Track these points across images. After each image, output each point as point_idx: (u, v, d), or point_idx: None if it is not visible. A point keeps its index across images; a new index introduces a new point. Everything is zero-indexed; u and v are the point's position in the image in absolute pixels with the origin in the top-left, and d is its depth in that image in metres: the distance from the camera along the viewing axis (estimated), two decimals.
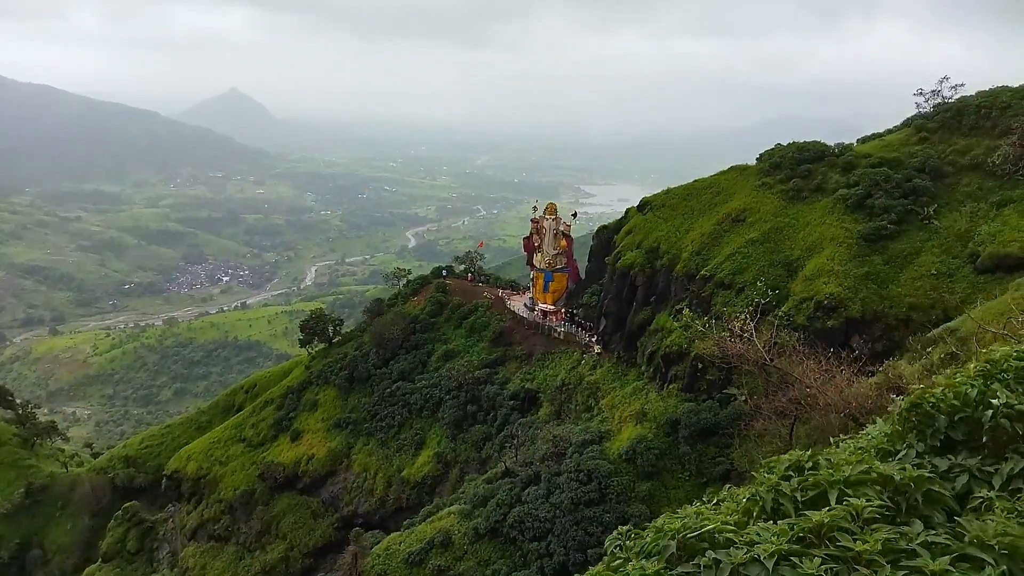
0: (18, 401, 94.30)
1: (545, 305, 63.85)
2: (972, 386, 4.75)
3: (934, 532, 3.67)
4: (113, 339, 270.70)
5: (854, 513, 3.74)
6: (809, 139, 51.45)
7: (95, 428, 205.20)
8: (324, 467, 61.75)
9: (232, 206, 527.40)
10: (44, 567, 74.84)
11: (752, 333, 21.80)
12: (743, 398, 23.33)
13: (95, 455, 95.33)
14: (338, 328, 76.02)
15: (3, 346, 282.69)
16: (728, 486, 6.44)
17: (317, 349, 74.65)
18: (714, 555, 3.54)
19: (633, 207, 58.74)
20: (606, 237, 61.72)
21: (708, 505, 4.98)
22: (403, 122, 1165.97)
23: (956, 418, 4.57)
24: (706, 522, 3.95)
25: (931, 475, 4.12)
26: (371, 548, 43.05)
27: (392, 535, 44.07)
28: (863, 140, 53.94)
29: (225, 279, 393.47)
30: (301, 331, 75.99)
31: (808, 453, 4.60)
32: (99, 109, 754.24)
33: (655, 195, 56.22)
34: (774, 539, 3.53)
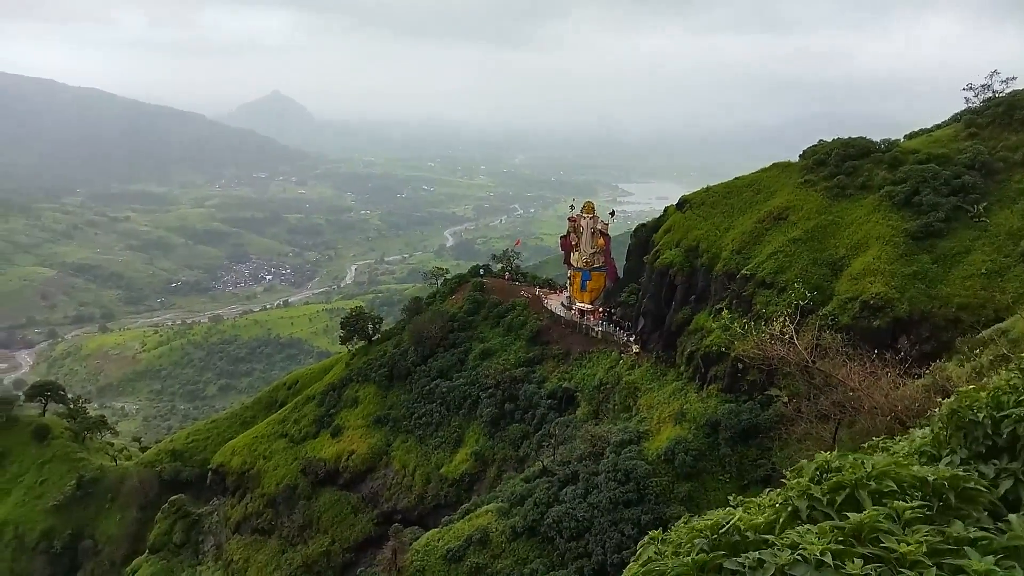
0: (69, 396, 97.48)
1: (582, 304, 63.70)
2: (1010, 391, 4.68)
3: (975, 529, 3.66)
4: (161, 336, 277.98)
5: (895, 514, 3.73)
6: (854, 135, 50.39)
7: (143, 423, 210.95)
8: (364, 463, 62.58)
9: (275, 206, 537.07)
10: (95, 557, 77.25)
11: (793, 335, 21.48)
12: (784, 400, 23.01)
13: (143, 449, 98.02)
14: (377, 326, 76.91)
15: (55, 342, 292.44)
16: (769, 489, 6.43)
17: (357, 347, 75.64)
18: (759, 554, 3.57)
19: (672, 205, 58.23)
20: (644, 236, 61.30)
21: (742, 508, 4.99)
22: (441, 122, 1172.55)
23: (998, 423, 4.51)
24: (738, 523, 3.98)
25: (966, 474, 4.10)
26: (410, 544, 43.53)
27: (431, 532, 44.49)
28: (910, 136, 52.60)
29: (268, 278, 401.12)
30: (341, 329, 77.09)
31: (835, 455, 4.60)
32: (146, 112, 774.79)
33: (694, 193, 55.65)
34: (816, 540, 3.54)
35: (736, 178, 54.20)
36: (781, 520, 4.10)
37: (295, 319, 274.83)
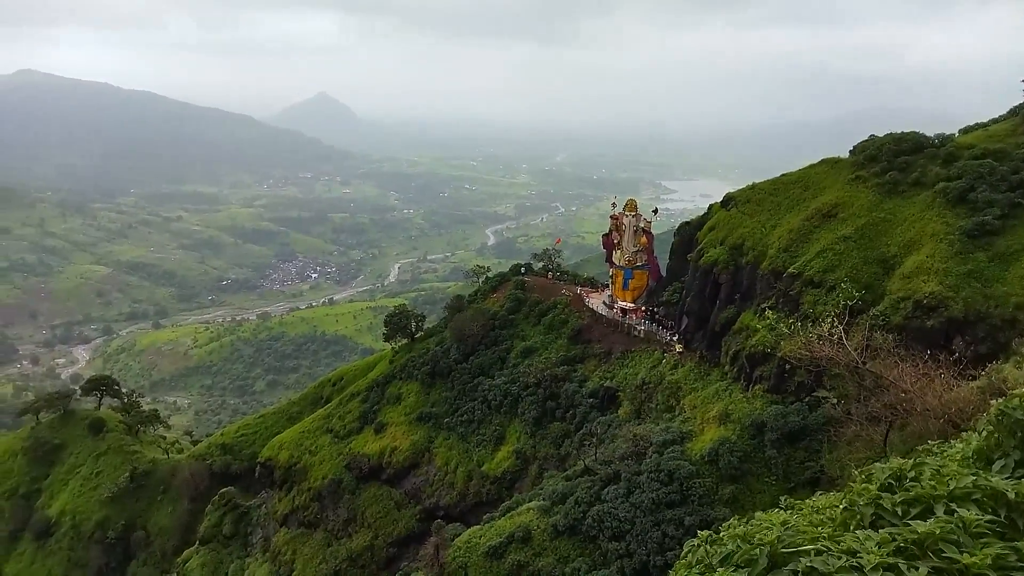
0: (124, 391, 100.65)
1: (625, 303, 63.24)
2: None
3: None
4: (211, 333, 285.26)
5: (962, 525, 3.57)
6: (906, 130, 48.93)
7: (194, 417, 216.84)
8: (407, 459, 63.24)
9: (320, 206, 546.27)
10: (147, 548, 79.65)
11: (842, 335, 20.96)
12: (833, 402, 22.49)
13: (194, 442, 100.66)
14: (420, 324, 77.56)
15: (110, 338, 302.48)
16: (819, 492, 6.27)
17: (400, 344, 76.42)
18: (809, 562, 3.47)
19: (716, 203, 57.37)
20: (688, 234, 60.53)
21: (795, 512, 4.84)
22: (484, 121, 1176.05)
23: None
24: (801, 535, 3.85)
25: None
26: (452, 540, 43.84)
27: (472, 528, 44.73)
28: (965, 131, 50.82)
29: (314, 276, 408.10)
30: (385, 326, 77.96)
31: (911, 463, 4.41)
32: (196, 114, 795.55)
33: (739, 190, 54.72)
34: (875, 549, 3.42)
35: (783, 175, 53.14)
36: (852, 529, 3.96)
37: (340, 316, 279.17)
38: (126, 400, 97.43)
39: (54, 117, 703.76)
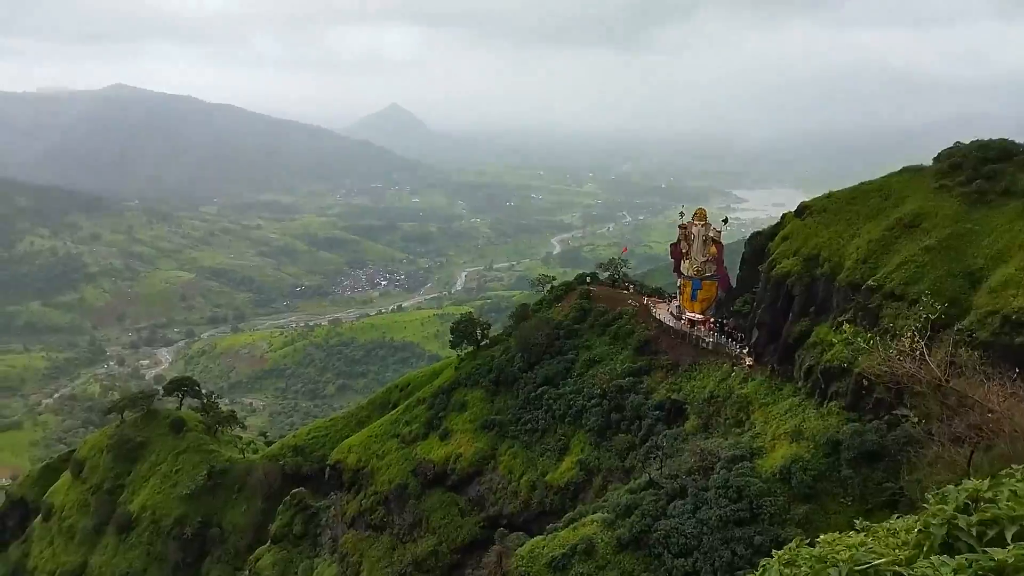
0: (203, 392, 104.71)
1: (693, 314, 62.07)
2: None
3: None
4: (286, 337, 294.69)
5: None
6: (993, 137, 46.51)
7: (269, 418, 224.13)
8: (471, 466, 63.63)
9: (390, 214, 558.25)
10: (222, 545, 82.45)
11: (924, 351, 20.02)
12: (914, 421, 21.48)
13: (268, 443, 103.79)
14: (485, 332, 77.99)
15: (192, 341, 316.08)
16: (896, 515, 6.02)
17: (466, 351, 77.02)
18: None
19: (790, 212, 55.75)
20: (760, 244, 59.02)
21: (870, 534, 4.67)
22: (552, 130, 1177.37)
23: None
24: (874, 555, 3.72)
25: None
26: (515, 549, 43.83)
27: (536, 538, 44.61)
28: None
29: (383, 283, 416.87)
30: (451, 334, 78.72)
31: (988, 483, 4.20)
32: (276, 126, 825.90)
33: (815, 199, 53.04)
34: (952, 575, 3.27)
35: (861, 183, 51.24)
36: (926, 550, 3.81)
37: (408, 323, 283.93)
38: (205, 401, 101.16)
39: (143, 129, 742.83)
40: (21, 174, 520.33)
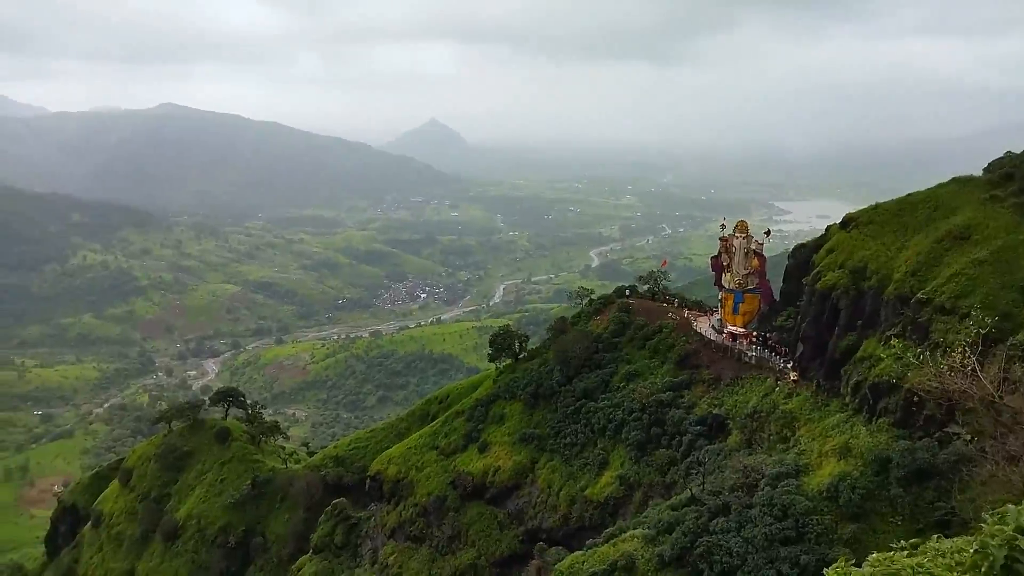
0: (248, 402, 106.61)
1: (735, 327, 61.18)
2: None
3: None
4: (327, 349, 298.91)
5: None
6: None
7: (311, 429, 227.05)
8: (510, 479, 63.52)
9: (430, 228, 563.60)
10: (264, 554, 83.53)
11: (976, 366, 19.45)
12: (967, 439, 20.85)
13: (310, 453, 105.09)
14: (524, 344, 78.03)
15: (237, 352, 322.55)
16: (938, 535, 5.89)
17: (504, 364, 77.14)
18: None
19: (835, 224, 54.70)
20: (804, 256, 58.00)
21: (920, 554, 4.58)
22: (589, 144, 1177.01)
23: None
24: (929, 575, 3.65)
25: None
26: (554, 564, 43.55)
27: (575, 553, 44.26)
28: None
29: (423, 296, 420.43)
30: (490, 346, 78.92)
31: None
32: (318, 143, 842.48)
33: (861, 211, 51.94)
34: None
35: (909, 194, 50.03)
36: (983, 572, 3.71)
37: (447, 336, 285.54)
38: (250, 411, 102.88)
39: (191, 147, 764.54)
40: (75, 190, 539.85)
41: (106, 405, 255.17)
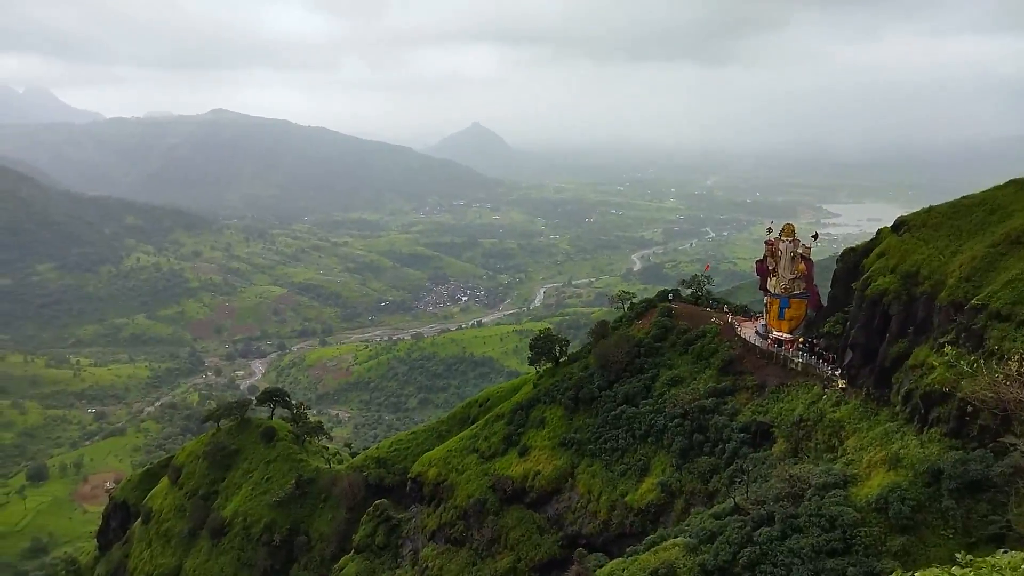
0: (293, 402, 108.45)
1: (780, 333, 59.98)
2: None
3: None
4: (370, 350, 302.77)
5: None
6: None
7: (353, 430, 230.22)
8: (550, 484, 63.31)
9: (471, 231, 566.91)
10: (308, 552, 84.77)
11: None
12: (1023, 450, 20.05)
13: (353, 454, 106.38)
14: (564, 348, 77.81)
15: (283, 353, 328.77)
16: (1004, 550, 5.65)
17: (544, 368, 77.03)
18: None
19: (886, 227, 53.23)
20: (853, 261, 56.55)
21: (972, 569, 4.39)
22: (632, 146, 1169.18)
23: None
24: None
25: None
26: (594, 571, 43.23)
27: (615, 560, 43.88)
28: None
29: (464, 299, 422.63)
30: (530, 350, 78.91)
31: None
32: (363, 147, 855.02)
33: (913, 214, 50.42)
34: None
35: (963, 197, 48.40)
36: None
37: (487, 339, 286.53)
38: (295, 411, 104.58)
39: (241, 152, 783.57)
40: (129, 194, 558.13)
41: (157, 404, 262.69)
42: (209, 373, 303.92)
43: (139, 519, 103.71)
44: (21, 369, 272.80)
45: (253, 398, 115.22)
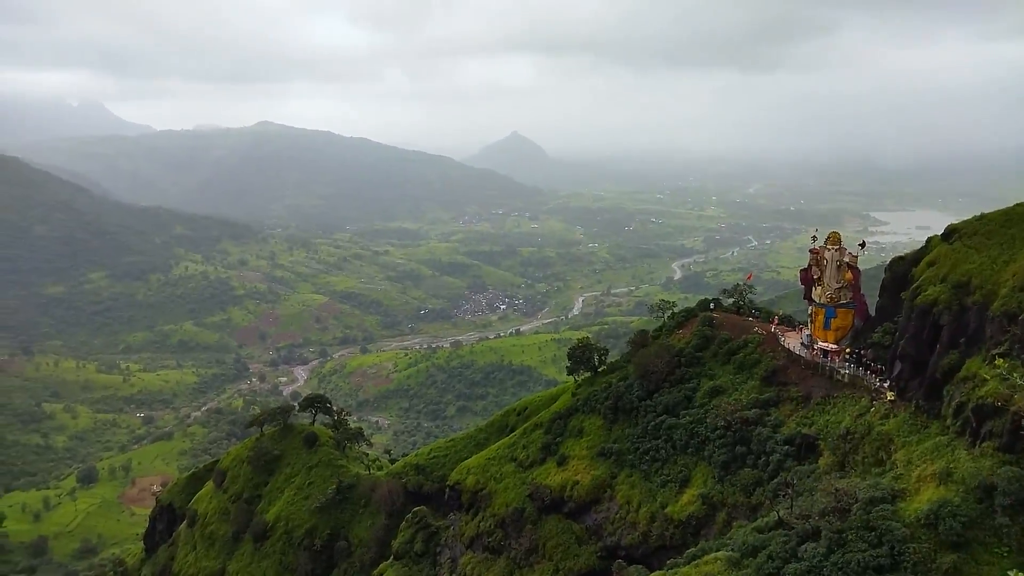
0: (334, 409, 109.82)
1: (826, 344, 58.71)
2: None
3: None
4: (410, 358, 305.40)
5: None
6: None
7: (393, 437, 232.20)
8: (588, 494, 62.88)
9: (510, 240, 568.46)
10: (348, 558, 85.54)
11: None
12: None
13: (392, 461, 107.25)
14: (603, 358, 77.28)
15: (325, 360, 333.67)
16: None
17: (583, 377, 76.64)
18: None
19: (936, 236, 51.78)
20: (902, 270, 55.14)
21: None
22: (673, 154, 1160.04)
23: None
24: None
25: None
26: None
27: (656, 573, 43.38)
28: None
29: (502, 307, 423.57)
30: (568, 359, 78.53)
31: None
32: (403, 157, 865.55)
33: (965, 222, 48.97)
34: None
35: (1017, 204, 46.87)
36: None
37: (526, 347, 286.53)
38: (336, 418, 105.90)
39: (285, 162, 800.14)
40: (178, 204, 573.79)
41: (203, 409, 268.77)
42: (253, 379, 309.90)
43: (184, 522, 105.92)
44: (73, 374, 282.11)
45: (295, 404, 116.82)
